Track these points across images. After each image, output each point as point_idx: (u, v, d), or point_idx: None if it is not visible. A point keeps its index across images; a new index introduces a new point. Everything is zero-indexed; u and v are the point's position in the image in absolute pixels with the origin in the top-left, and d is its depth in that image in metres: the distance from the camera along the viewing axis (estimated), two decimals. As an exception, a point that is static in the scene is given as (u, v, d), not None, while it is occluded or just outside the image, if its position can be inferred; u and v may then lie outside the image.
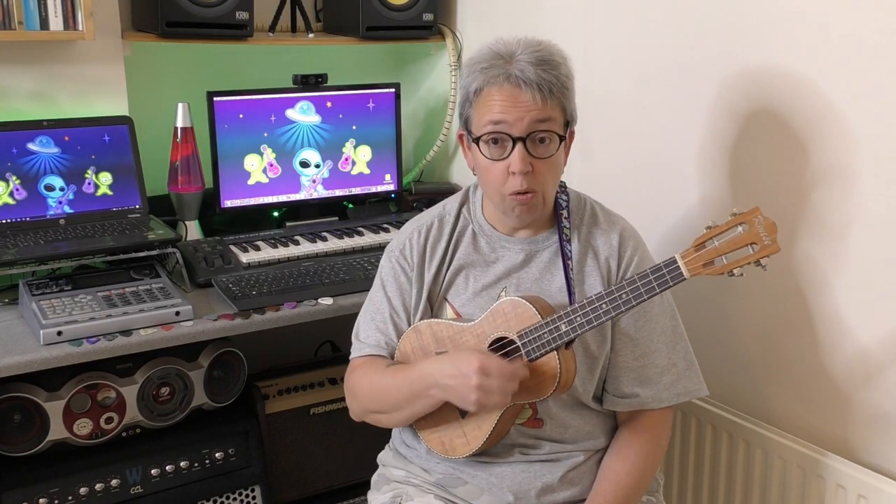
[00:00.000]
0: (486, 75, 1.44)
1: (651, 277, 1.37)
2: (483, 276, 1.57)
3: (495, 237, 1.59)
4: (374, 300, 1.64)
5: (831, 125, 1.64)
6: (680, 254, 1.36)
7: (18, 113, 2.13)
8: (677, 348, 1.56)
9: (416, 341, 1.56)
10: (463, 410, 1.50)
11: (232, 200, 2.36)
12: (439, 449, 1.55)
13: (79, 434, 1.88)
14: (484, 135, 1.46)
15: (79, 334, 1.77)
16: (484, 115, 1.45)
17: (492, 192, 1.51)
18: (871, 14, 1.55)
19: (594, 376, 1.54)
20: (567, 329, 1.40)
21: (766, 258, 1.32)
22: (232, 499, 2.10)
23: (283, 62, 2.59)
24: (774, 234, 1.31)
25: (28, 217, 2.08)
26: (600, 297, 1.39)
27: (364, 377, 1.58)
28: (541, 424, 1.54)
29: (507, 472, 1.54)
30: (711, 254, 1.33)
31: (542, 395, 1.44)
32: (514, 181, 1.45)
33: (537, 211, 1.51)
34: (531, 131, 1.43)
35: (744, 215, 1.33)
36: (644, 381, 1.53)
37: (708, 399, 1.89)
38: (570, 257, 1.53)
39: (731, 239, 1.33)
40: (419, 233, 1.62)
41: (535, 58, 1.42)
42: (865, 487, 1.61)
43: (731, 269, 1.33)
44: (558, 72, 1.44)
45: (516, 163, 1.43)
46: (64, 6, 2.02)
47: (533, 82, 1.41)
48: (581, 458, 1.55)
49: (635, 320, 1.53)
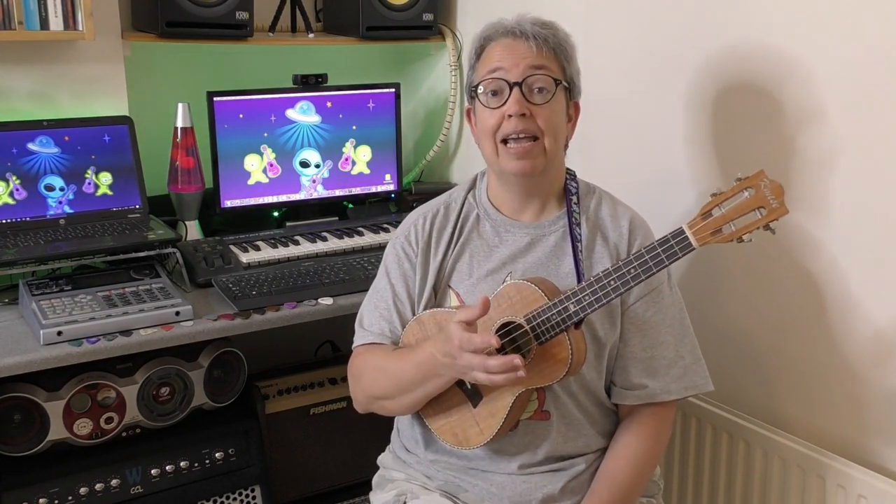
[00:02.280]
0: (486, 33, 1.52)
1: (659, 249, 1.34)
2: (487, 261, 1.56)
3: (500, 220, 1.58)
4: (378, 287, 1.63)
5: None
6: (687, 223, 1.33)
7: (18, 113, 2.13)
8: (685, 341, 1.55)
9: (419, 332, 1.54)
10: (475, 399, 1.48)
11: (232, 200, 2.36)
12: (452, 440, 1.52)
13: (79, 434, 1.88)
14: (482, 82, 1.49)
15: (79, 334, 1.77)
16: (483, 68, 1.51)
17: (487, 142, 1.51)
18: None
19: (602, 364, 1.53)
20: (576, 309, 1.37)
21: (774, 221, 1.29)
22: (232, 499, 2.10)
23: (283, 62, 2.59)
24: (781, 195, 1.28)
25: (28, 217, 2.08)
26: (608, 274, 1.36)
27: (369, 363, 1.56)
28: (547, 416, 1.52)
29: (508, 483, 1.52)
30: (719, 221, 1.30)
31: (555, 378, 1.41)
32: (508, 124, 1.46)
33: (536, 165, 1.49)
34: (527, 76, 1.46)
35: (749, 179, 1.30)
36: (652, 372, 1.52)
37: (708, 399, 1.89)
38: (580, 240, 1.52)
39: (737, 204, 1.30)
40: (425, 219, 1.61)
41: (535, 20, 1.50)
42: (865, 487, 1.61)
43: (740, 236, 1.30)
44: (556, 32, 1.51)
45: (511, 104, 1.46)
46: (64, 6, 2.02)
47: (529, 33, 1.47)
48: (582, 467, 1.54)
49: (645, 310, 1.52)
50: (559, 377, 1.41)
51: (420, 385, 1.47)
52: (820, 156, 1.67)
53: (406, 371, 1.48)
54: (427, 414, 1.55)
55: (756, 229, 1.30)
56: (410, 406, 1.53)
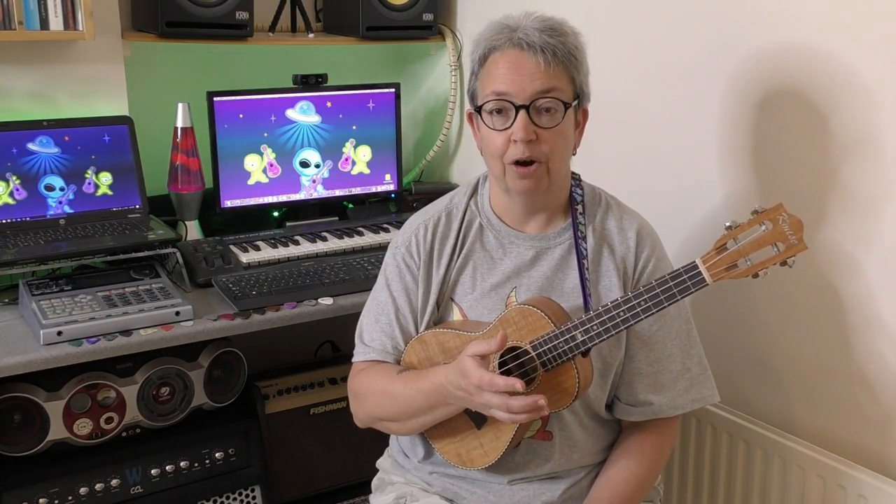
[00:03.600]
0: (491, 42, 1.43)
1: (671, 284, 1.30)
2: (490, 274, 1.51)
3: (504, 232, 1.53)
4: (379, 300, 1.57)
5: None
6: (701, 258, 1.29)
7: (18, 113, 2.13)
8: (691, 353, 1.52)
9: (422, 352, 1.50)
10: (478, 420, 1.46)
11: (232, 200, 2.36)
12: (457, 461, 1.49)
13: (79, 434, 1.88)
14: (486, 103, 1.42)
15: (79, 334, 1.77)
16: (487, 86, 1.43)
17: (493, 162, 1.45)
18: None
19: (606, 383, 1.50)
20: (584, 338, 1.34)
21: (792, 258, 1.25)
22: (232, 499, 2.10)
23: (283, 62, 2.59)
24: (801, 231, 1.24)
25: (28, 217, 2.08)
26: (617, 305, 1.33)
27: (373, 384, 1.51)
28: (550, 437, 1.49)
29: (507, 491, 1.51)
30: (734, 256, 1.26)
31: (561, 406, 1.39)
32: (515, 149, 1.41)
33: (542, 185, 1.44)
34: (534, 99, 1.39)
35: (767, 213, 1.25)
36: (658, 387, 1.49)
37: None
38: (586, 256, 1.48)
39: (754, 239, 1.25)
40: (426, 228, 1.55)
41: (542, 25, 1.41)
42: (865, 487, 1.61)
43: (755, 272, 1.26)
44: (565, 39, 1.42)
45: (518, 130, 1.39)
46: (64, 6, 2.02)
47: (537, 45, 1.38)
48: (581, 475, 1.53)
49: (650, 325, 1.48)
50: (565, 405, 1.39)
51: (427, 412, 1.44)
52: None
53: (413, 398, 1.44)
54: (431, 434, 1.53)
55: (773, 265, 1.26)
56: (415, 429, 1.51)
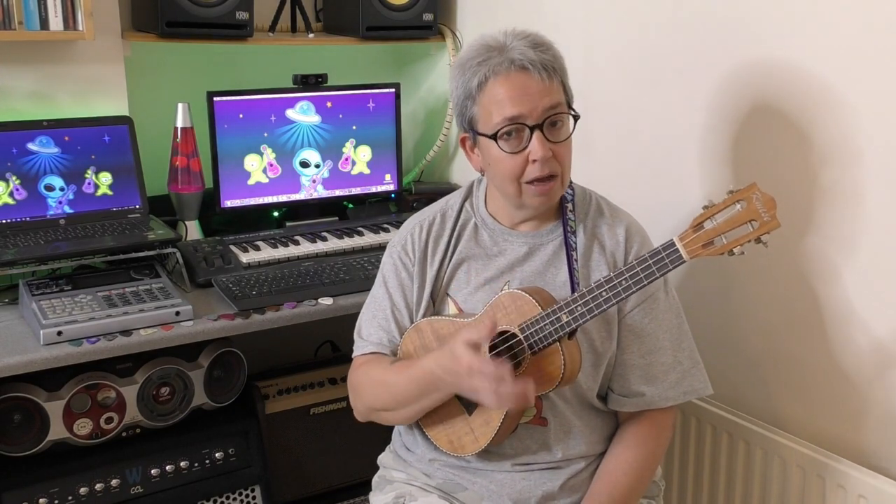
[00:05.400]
0: (486, 67, 1.43)
1: (650, 262, 1.34)
2: (485, 269, 1.56)
3: (498, 230, 1.57)
4: (376, 297, 1.63)
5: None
6: (678, 236, 1.33)
7: (18, 113, 2.13)
8: (683, 346, 1.55)
9: (417, 340, 1.55)
10: (470, 407, 1.49)
11: (232, 200, 2.36)
12: (448, 447, 1.53)
13: (79, 434, 1.88)
14: (500, 131, 1.44)
15: (79, 334, 1.77)
16: (494, 112, 1.44)
17: (508, 185, 1.48)
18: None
19: (598, 373, 1.53)
20: (568, 319, 1.38)
21: (766, 235, 1.29)
22: (232, 499, 2.10)
23: (283, 62, 2.59)
24: (774, 209, 1.29)
25: (28, 217, 2.08)
26: (600, 285, 1.37)
27: (368, 375, 1.56)
28: (545, 423, 1.53)
29: (507, 480, 1.53)
30: (710, 234, 1.30)
31: (548, 388, 1.42)
32: (534, 168, 1.44)
33: (556, 197, 1.50)
34: (546, 117, 1.42)
35: (741, 192, 1.30)
36: (650, 379, 1.53)
37: (708, 399, 1.89)
38: (575, 248, 1.52)
39: (729, 217, 1.30)
40: (421, 227, 1.61)
41: (529, 42, 1.43)
42: (865, 487, 1.61)
43: (731, 249, 1.30)
44: (553, 51, 1.46)
45: (537, 150, 1.42)
46: (64, 6, 2.02)
47: (537, 62, 1.41)
48: (581, 465, 1.54)
49: (641, 317, 1.52)
50: (552, 387, 1.42)
51: (419, 399, 1.48)
52: (820, 159, 1.67)
53: (405, 385, 1.48)
54: (423, 421, 1.56)
55: (747, 242, 1.30)
56: (410, 417, 1.55)
